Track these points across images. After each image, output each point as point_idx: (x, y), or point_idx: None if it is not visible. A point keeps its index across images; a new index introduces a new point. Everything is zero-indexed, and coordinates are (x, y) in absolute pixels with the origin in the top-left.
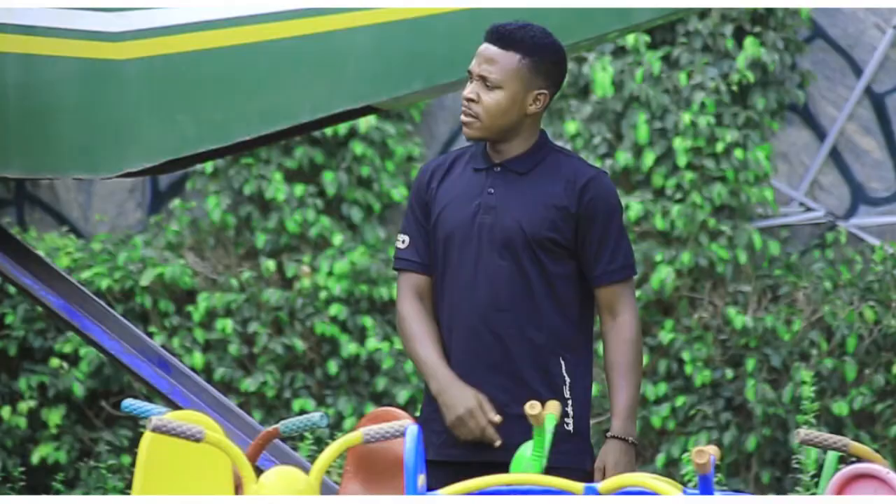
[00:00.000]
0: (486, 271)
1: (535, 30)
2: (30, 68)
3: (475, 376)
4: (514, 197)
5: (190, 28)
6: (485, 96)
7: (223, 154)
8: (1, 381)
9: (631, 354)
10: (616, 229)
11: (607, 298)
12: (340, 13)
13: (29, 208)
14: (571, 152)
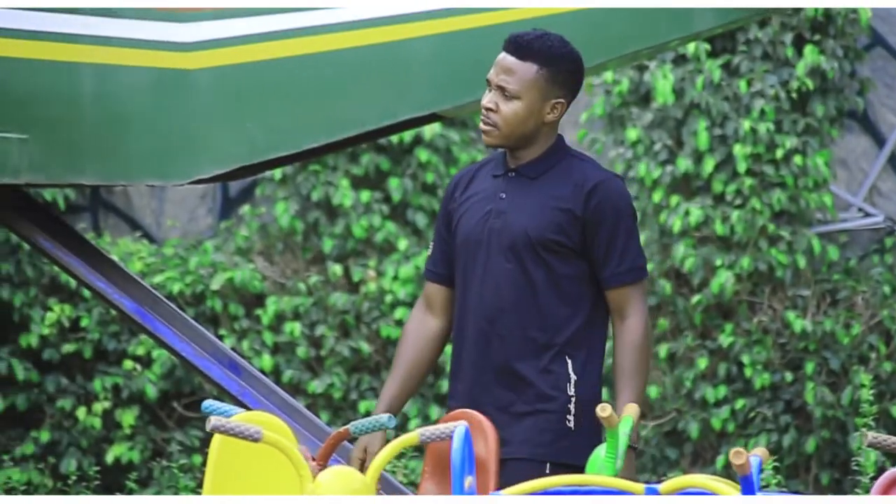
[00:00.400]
0: (494, 274)
1: (552, 39)
2: (104, 78)
3: (484, 376)
4: (522, 201)
5: (259, 38)
6: (503, 106)
7: (292, 161)
8: (76, 382)
9: (635, 358)
10: (624, 232)
11: (616, 301)
12: (405, 23)
13: (103, 214)
14: (587, 157)
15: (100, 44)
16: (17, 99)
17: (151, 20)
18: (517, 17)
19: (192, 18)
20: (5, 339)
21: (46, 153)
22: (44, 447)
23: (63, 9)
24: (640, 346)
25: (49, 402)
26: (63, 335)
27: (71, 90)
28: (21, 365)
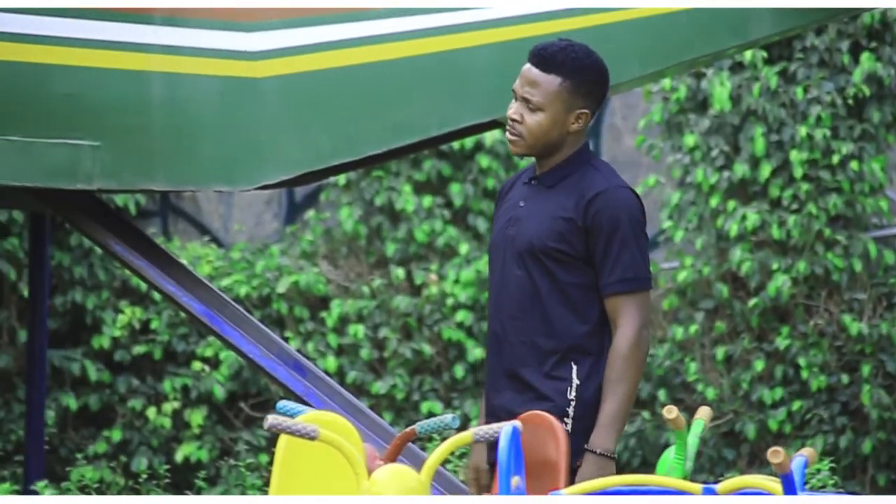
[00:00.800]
0: (507, 281)
1: (576, 51)
2: (174, 86)
3: (496, 380)
4: (535, 210)
5: (324, 47)
6: (528, 117)
7: (355, 167)
8: (147, 383)
9: (620, 368)
10: (619, 242)
11: (609, 309)
12: (466, 32)
13: (173, 219)
14: (604, 166)
15: (169, 53)
16: (90, 107)
17: (219, 29)
18: (574, 27)
19: (259, 28)
20: (78, 340)
21: (118, 160)
22: (116, 446)
23: (134, 18)
24: (627, 355)
25: (120, 402)
26: (134, 337)
27: (142, 98)
28: (94, 366)
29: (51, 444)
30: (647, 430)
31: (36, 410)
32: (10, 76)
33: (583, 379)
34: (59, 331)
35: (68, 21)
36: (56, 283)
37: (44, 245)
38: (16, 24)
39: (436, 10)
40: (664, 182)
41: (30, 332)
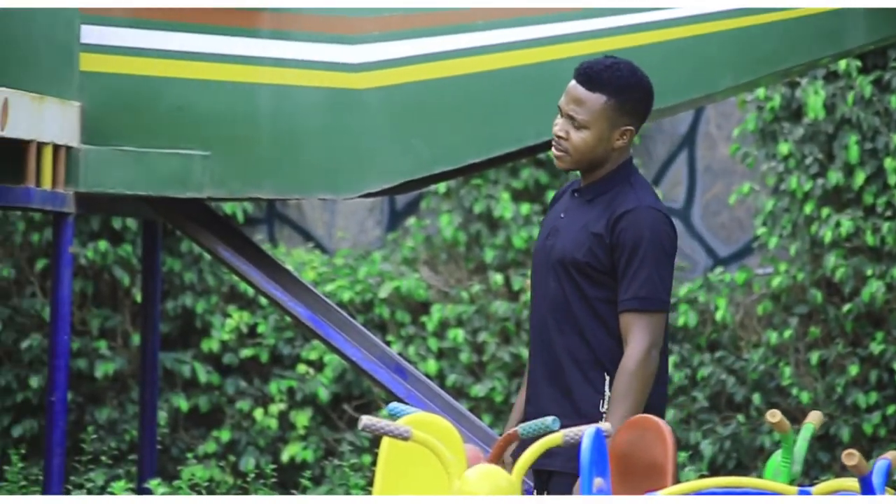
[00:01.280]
0: (544, 291)
1: (621, 69)
2: (280, 97)
3: (534, 388)
4: (572, 222)
5: (423, 59)
6: (573, 134)
7: (455, 175)
8: (254, 385)
9: (625, 384)
10: (638, 260)
11: (622, 326)
12: (560, 43)
13: (279, 226)
14: (641, 184)
15: (276, 65)
16: (200, 118)
17: (324, 42)
18: (663, 38)
19: (361, 40)
20: (188, 343)
21: (227, 169)
22: (224, 446)
23: (243, 31)
24: (633, 372)
25: (229, 403)
26: (241, 340)
27: (250, 109)
28: (203, 368)
29: (163, 444)
30: (741, 433)
31: (149, 411)
32: (126, 88)
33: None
34: (171, 334)
35: (180, 35)
36: (167, 288)
37: (156, 252)
38: (131, 39)
39: (533, 21)
40: (758, 189)
41: (143, 336)
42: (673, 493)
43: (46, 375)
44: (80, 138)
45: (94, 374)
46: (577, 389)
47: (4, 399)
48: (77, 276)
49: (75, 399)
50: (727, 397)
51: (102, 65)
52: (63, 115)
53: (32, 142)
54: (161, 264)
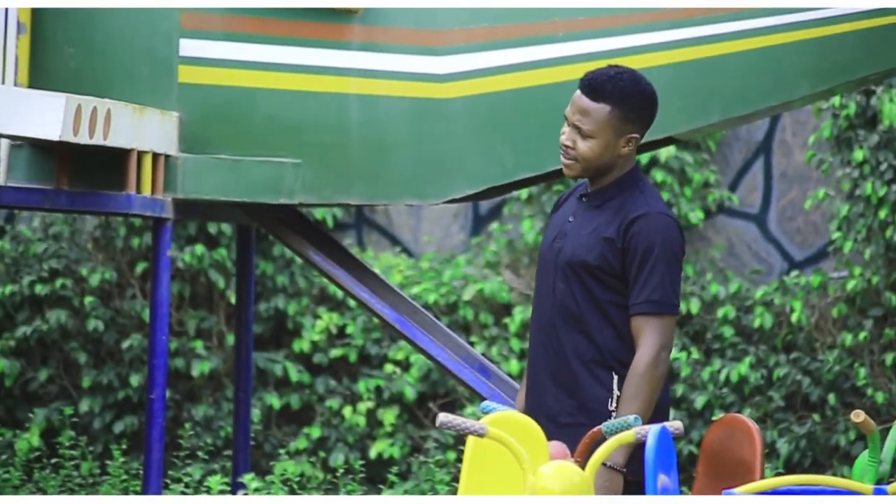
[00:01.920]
0: (552, 293)
1: (624, 79)
2: (369, 107)
3: (538, 386)
4: (581, 227)
5: (507, 69)
6: (580, 144)
7: (537, 181)
8: (343, 384)
9: (635, 385)
10: (650, 265)
11: (633, 329)
12: (643, 53)
13: (367, 231)
14: (650, 190)
15: (365, 76)
16: (292, 126)
17: (411, 54)
18: (746, 48)
19: (447, 52)
20: (280, 344)
21: (317, 176)
22: (315, 442)
23: (333, 44)
24: (643, 374)
25: (319, 401)
26: (331, 341)
27: (339, 118)
28: (294, 367)
29: (256, 440)
30: (817, 431)
31: (243, 409)
32: (221, 99)
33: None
34: (263, 335)
35: (273, 48)
36: (260, 290)
37: (249, 255)
38: (226, 52)
39: (616, 33)
40: (833, 195)
41: (237, 336)
42: (750, 490)
43: (146, 374)
44: (179, 147)
45: (191, 372)
46: (584, 388)
47: (107, 397)
48: (175, 278)
49: (173, 397)
50: (803, 397)
51: (200, 77)
52: (162, 125)
53: (133, 150)
54: (254, 268)
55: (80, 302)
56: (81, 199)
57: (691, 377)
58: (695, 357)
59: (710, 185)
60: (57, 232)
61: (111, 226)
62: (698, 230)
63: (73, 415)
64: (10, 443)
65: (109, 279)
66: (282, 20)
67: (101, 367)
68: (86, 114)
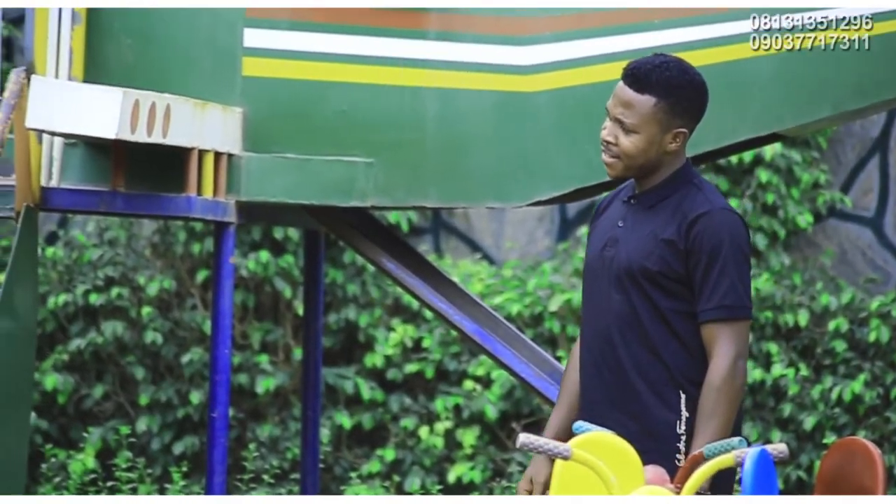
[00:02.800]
0: (607, 305)
1: (671, 69)
2: (447, 101)
3: (597, 410)
4: (635, 231)
5: (597, 60)
6: (623, 139)
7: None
8: (419, 402)
9: (712, 401)
10: (719, 267)
11: (705, 337)
12: (745, 42)
13: (445, 236)
14: (707, 185)
15: (443, 68)
16: (363, 124)
17: (493, 44)
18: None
19: (532, 41)
20: (351, 358)
21: (391, 176)
22: (389, 465)
23: (408, 33)
24: (720, 387)
25: (393, 421)
26: (406, 355)
27: (415, 114)
28: (367, 384)
29: (325, 463)
30: None
31: (311, 428)
32: (288, 93)
33: (691, 411)
34: (333, 349)
35: (344, 38)
36: (330, 300)
37: (318, 263)
38: (294, 42)
39: (714, 20)
40: None
41: (304, 350)
42: None
43: (207, 391)
44: (242, 145)
45: (256, 389)
46: (649, 411)
47: (166, 415)
48: (238, 287)
49: (236, 415)
50: None
51: (265, 69)
52: (225, 122)
53: (194, 149)
54: (324, 276)
55: (137, 313)
56: (139, 201)
57: (800, 396)
58: (804, 374)
59: (821, 186)
60: (113, 237)
61: (170, 230)
62: (807, 235)
63: (129, 434)
64: (63, 464)
65: (168, 288)
66: (353, 8)
67: (160, 383)
68: (144, 110)
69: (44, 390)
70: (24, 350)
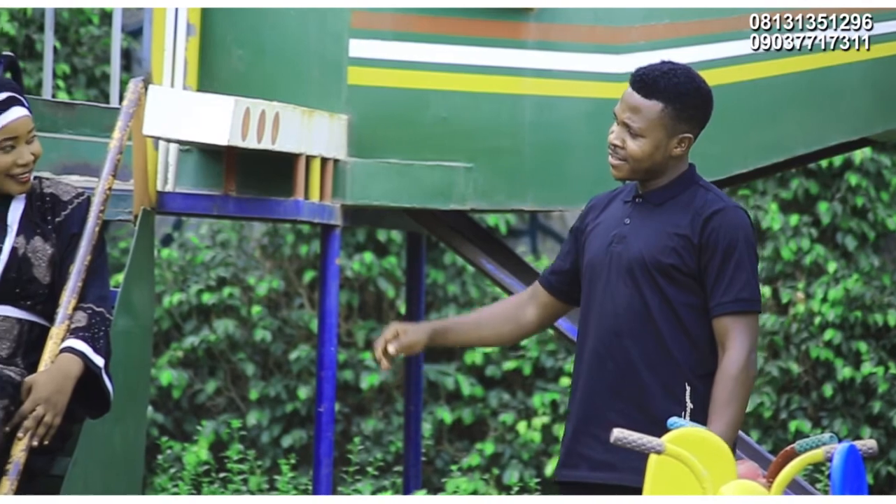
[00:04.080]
0: (612, 298)
1: (678, 75)
2: (545, 108)
3: (597, 399)
4: (643, 227)
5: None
6: (630, 143)
7: (721, 186)
8: (517, 398)
9: (729, 390)
10: (735, 262)
11: (719, 331)
12: (833, 49)
13: (541, 238)
14: (713, 187)
15: (540, 76)
16: (464, 130)
17: (589, 52)
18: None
19: (627, 50)
20: (452, 356)
21: (490, 181)
22: (488, 459)
23: (507, 42)
24: (736, 377)
25: (492, 416)
26: (504, 353)
27: (513, 121)
28: (466, 380)
29: (427, 456)
30: None
31: (413, 423)
32: (392, 101)
33: (696, 403)
34: (434, 346)
35: (445, 47)
36: (431, 300)
37: (420, 264)
38: (397, 52)
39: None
40: None
41: None
42: None
43: (314, 386)
44: (347, 151)
45: (360, 385)
46: (654, 401)
47: (275, 409)
48: (343, 287)
49: (342, 410)
50: None
51: (369, 78)
52: (331, 129)
53: (301, 155)
54: (425, 276)
55: (247, 311)
56: (249, 205)
57: (889, 393)
58: (893, 372)
59: None
60: (224, 239)
61: (279, 233)
62: (895, 238)
63: (240, 428)
64: (178, 456)
65: (277, 288)
66: (454, 19)
67: (269, 379)
68: (254, 117)
69: (160, 385)
70: (142, 347)
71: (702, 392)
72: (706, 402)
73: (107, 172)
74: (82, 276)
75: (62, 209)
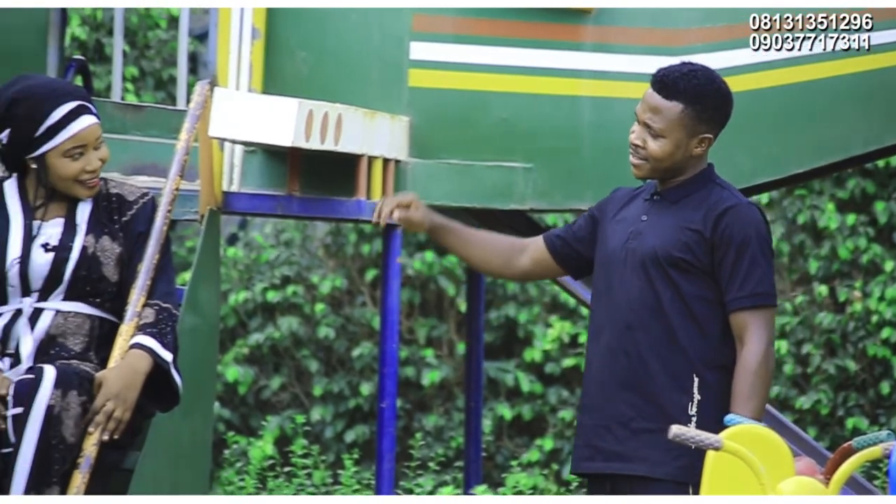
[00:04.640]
0: (625, 291)
1: (698, 77)
2: (603, 109)
3: (608, 391)
4: (659, 223)
5: (747, 69)
6: (650, 143)
7: (778, 186)
8: (576, 394)
9: (750, 384)
10: (750, 257)
11: (736, 325)
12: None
13: None
14: (729, 185)
15: (598, 78)
16: (523, 131)
17: (645, 54)
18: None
19: (682, 52)
20: (511, 353)
21: (549, 181)
22: (548, 454)
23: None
24: (756, 371)
25: (551, 412)
26: (563, 350)
27: (572, 122)
28: (526, 377)
29: (487, 451)
30: None
31: (474, 419)
32: (452, 103)
33: (703, 394)
34: (494, 344)
35: (505, 50)
36: (491, 298)
37: None
38: (457, 54)
39: (861, 29)
40: None
41: (467, 345)
42: None
43: (376, 383)
44: (408, 152)
45: (422, 381)
46: (664, 393)
47: (338, 405)
48: (405, 286)
49: (404, 406)
50: None
51: (430, 80)
52: (392, 130)
53: (363, 156)
54: (484, 275)
55: (311, 309)
56: (313, 205)
57: None
58: None
59: None
60: (288, 238)
61: (342, 232)
62: None
63: (304, 423)
64: (244, 450)
65: (340, 286)
66: (513, 21)
67: (332, 376)
68: (317, 119)
69: (226, 381)
70: (208, 344)
71: (711, 383)
72: (715, 394)
73: (174, 173)
74: (151, 275)
75: (128, 209)
